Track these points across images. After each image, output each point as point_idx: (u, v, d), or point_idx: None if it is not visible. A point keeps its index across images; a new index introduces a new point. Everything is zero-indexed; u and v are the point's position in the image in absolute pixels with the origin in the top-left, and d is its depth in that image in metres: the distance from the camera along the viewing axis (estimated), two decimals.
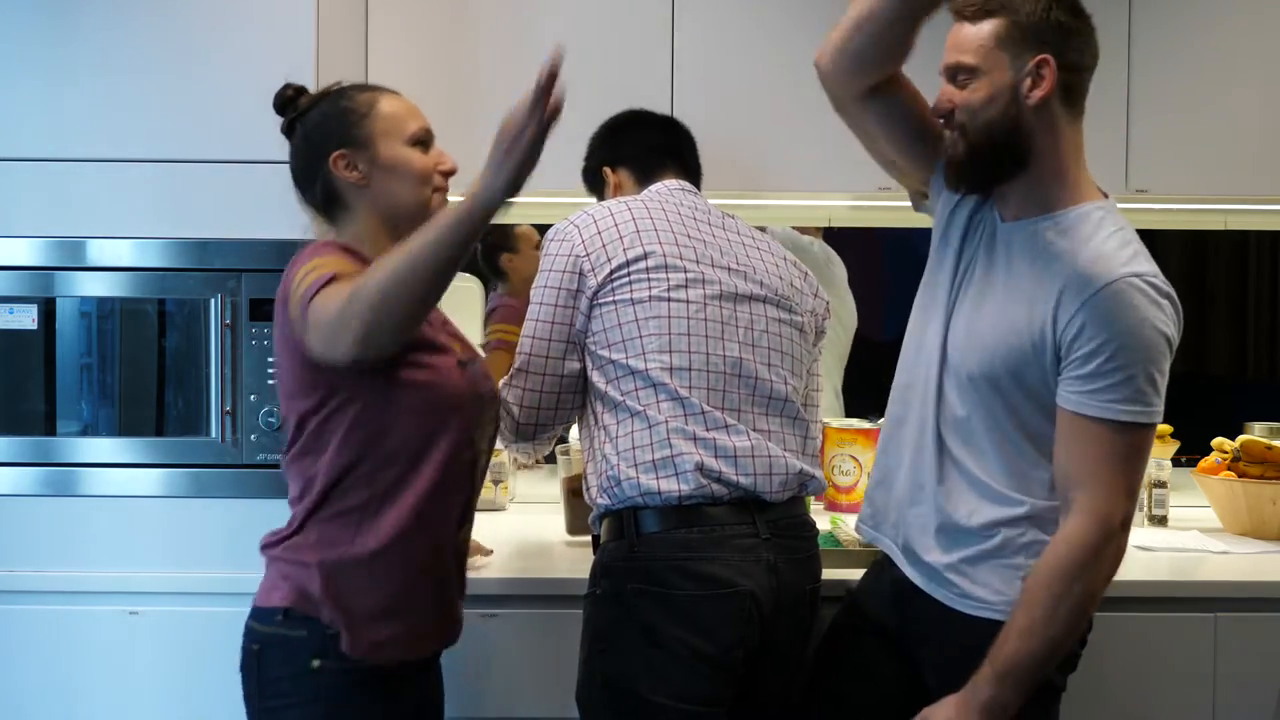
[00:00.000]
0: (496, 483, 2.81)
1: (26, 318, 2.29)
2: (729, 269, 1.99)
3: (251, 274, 2.25)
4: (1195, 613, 2.20)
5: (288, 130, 1.84)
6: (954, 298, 1.83)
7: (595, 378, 1.95)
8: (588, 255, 1.95)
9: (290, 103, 1.84)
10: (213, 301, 2.26)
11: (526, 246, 3.61)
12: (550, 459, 3.28)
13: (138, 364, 2.32)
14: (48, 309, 2.29)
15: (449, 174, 1.84)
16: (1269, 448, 2.58)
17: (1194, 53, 2.69)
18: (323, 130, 1.79)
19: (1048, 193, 1.76)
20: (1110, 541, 1.68)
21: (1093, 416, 1.68)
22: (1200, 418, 2.95)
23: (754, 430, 1.93)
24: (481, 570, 2.19)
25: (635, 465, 1.88)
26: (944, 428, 1.82)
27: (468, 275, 3.31)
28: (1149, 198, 2.70)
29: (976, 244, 1.84)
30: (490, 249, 3.68)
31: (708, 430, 1.89)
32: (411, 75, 2.65)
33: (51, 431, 2.31)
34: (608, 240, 1.96)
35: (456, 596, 1.85)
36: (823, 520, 2.66)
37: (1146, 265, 1.70)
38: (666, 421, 1.88)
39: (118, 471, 2.29)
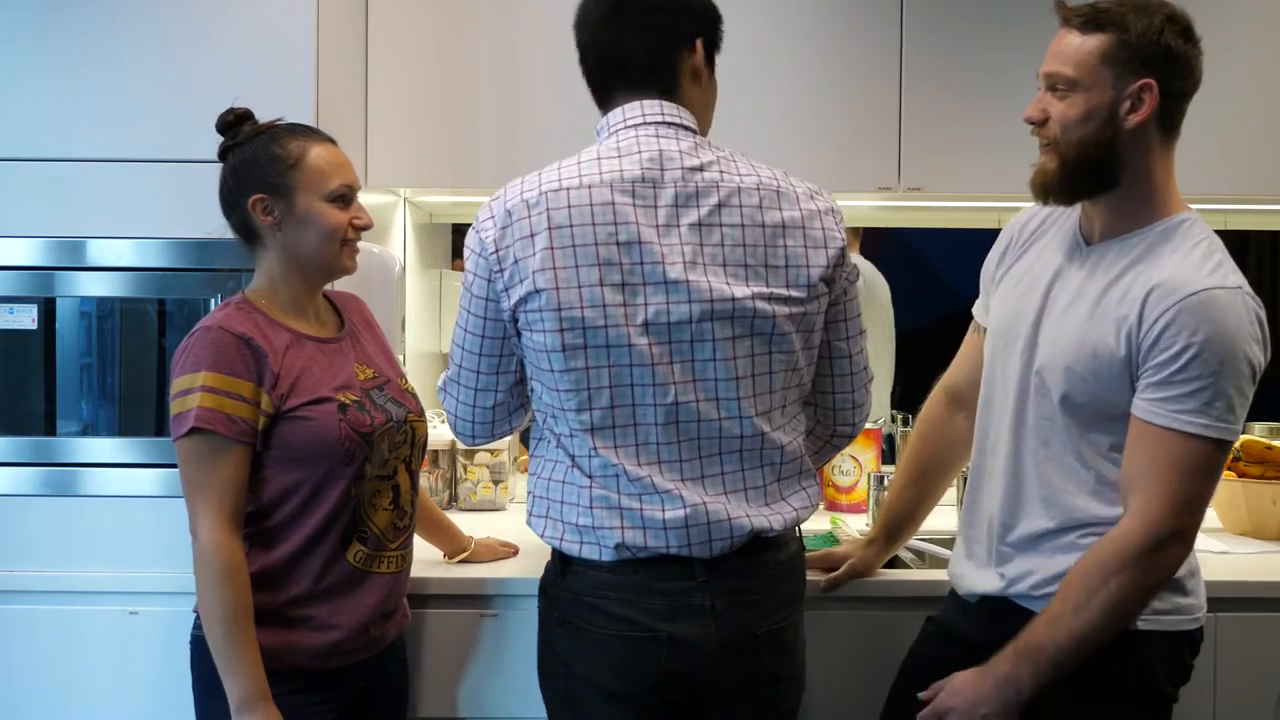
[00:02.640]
0: (497, 483, 2.81)
1: (26, 318, 2.29)
2: (667, 283, 1.68)
3: (251, 274, 2.24)
4: None
5: (222, 155, 1.90)
6: (1039, 317, 1.80)
7: (536, 389, 1.78)
8: (501, 270, 1.71)
9: (231, 127, 1.90)
10: (213, 301, 2.26)
11: None
12: None
13: (138, 364, 2.32)
14: (48, 309, 2.29)
15: (362, 228, 1.92)
16: (1269, 448, 2.57)
17: None
18: (249, 169, 1.86)
19: (1136, 211, 1.75)
20: (1158, 550, 1.64)
21: (1160, 425, 1.65)
22: None
23: (691, 487, 1.71)
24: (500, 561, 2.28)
25: (563, 522, 1.75)
26: (1031, 441, 1.80)
27: None
28: None
29: (1056, 265, 1.82)
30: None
31: (632, 498, 1.70)
32: (411, 74, 2.66)
33: (51, 431, 2.31)
34: (519, 253, 1.69)
35: (374, 614, 1.90)
36: (822, 520, 2.66)
37: (1234, 278, 1.67)
38: (591, 485, 1.71)
39: (118, 471, 2.29)
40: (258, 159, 1.86)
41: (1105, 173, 1.72)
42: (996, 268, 1.95)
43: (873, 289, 3.45)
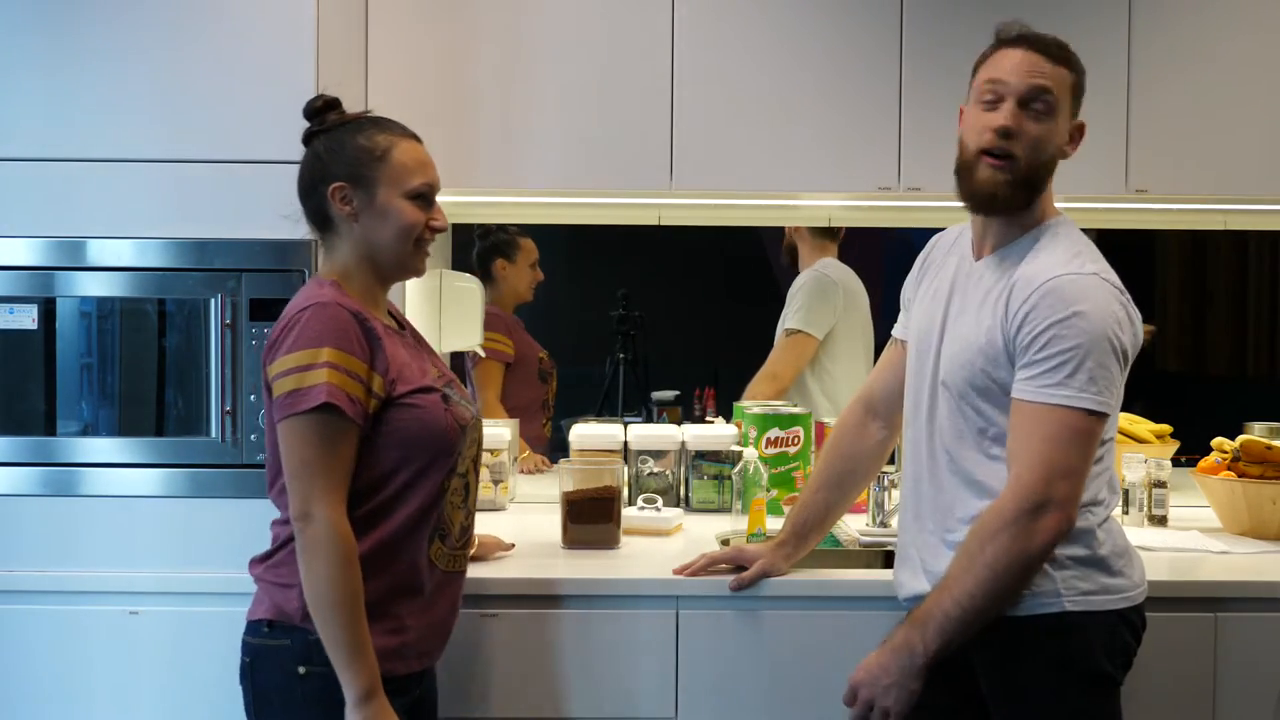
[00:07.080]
0: (497, 483, 2.81)
1: (26, 318, 2.29)
2: None
3: (251, 274, 2.25)
4: (1195, 613, 2.19)
5: (306, 140, 1.87)
6: (941, 329, 1.91)
7: None
8: None
9: (318, 114, 1.87)
10: (213, 301, 2.26)
11: (524, 260, 3.59)
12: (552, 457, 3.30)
13: (138, 364, 2.32)
14: (48, 309, 2.29)
15: (436, 231, 1.88)
16: (1269, 448, 2.57)
17: (1194, 53, 2.69)
18: (334, 157, 1.83)
19: (1022, 223, 1.87)
20: (1030, 515, 1.71)
21: (1029, 400, 1.76)
22: (1200, 418, 2.95)
23: None
24: (499, 561, 2.26)
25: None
26: (942, 444, 1.88)
27: (467, 276, 3.30)
28: (1149, 198, 2.70)
29: (951, 280, 1.93)
30: (487, 251, 3.67)
31: None
32: (411, 74, 2.66)
33: (51, 431, 2.31)
34: None
35: (445, 615, 1.88)
36: None
37: (1091, 266, 1.80)
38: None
39: (118, 471, 2.29)
40: (344, 147, 1.83)
41: (1035, 193, 1.85)
42: (915, 288, 2.05)
43: (852, 296, 3.46)
